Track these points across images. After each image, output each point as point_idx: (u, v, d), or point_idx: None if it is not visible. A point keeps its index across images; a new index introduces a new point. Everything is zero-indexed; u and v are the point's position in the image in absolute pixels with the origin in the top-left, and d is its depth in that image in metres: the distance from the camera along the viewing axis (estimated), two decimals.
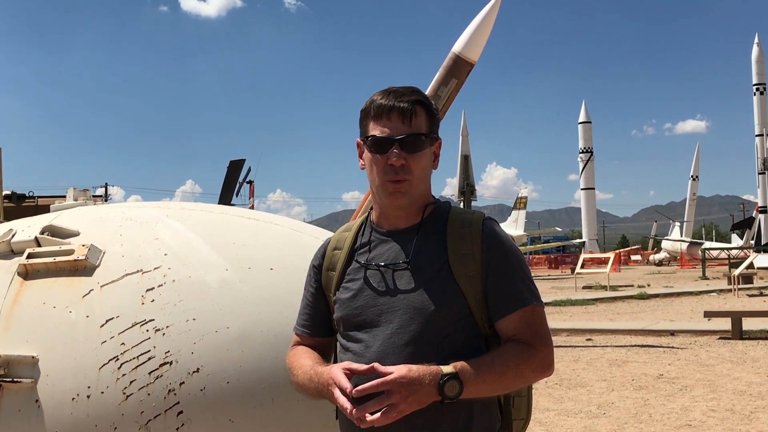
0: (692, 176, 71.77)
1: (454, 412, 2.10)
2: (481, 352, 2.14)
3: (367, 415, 1.96)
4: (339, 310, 2.27)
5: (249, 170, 35.35)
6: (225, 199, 20.89)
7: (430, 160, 2.27)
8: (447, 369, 2.01)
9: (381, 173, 2.20)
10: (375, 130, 2.20)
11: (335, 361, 2.32)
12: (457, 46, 9.18)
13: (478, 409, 2.15)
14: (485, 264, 2.18)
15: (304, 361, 2.27)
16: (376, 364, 2.02)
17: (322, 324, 2.37)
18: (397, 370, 1.98)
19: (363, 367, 2.03)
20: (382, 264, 2.24)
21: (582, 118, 63.49)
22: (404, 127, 2.18)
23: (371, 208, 2.37)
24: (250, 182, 36.10)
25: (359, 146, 2.30)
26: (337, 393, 2.03)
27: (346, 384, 2.01)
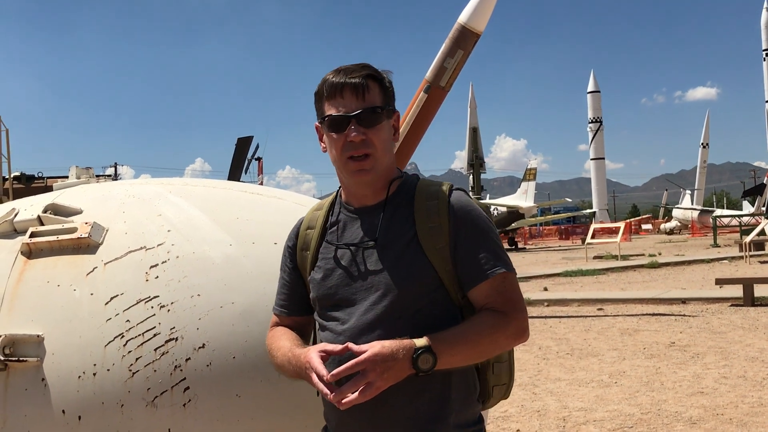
0: (703, 144, 71.25)
1: (430, 384, 2.12)
2: (456, 322, 2.15)
3: (348, 394, 1.98)
4: (314, 290, 2.30)
5: (257, 147, 35.41)
6: (234, 176, 20.90)
7: (390, 134, 2.28)
8: (420, 342, 2.02)
9: (341, 151, 2.20)
10: (330, 110, 2.21)
11: (314, 340, 2.36)
12: (462, 17, 9.09)
13: (455, 379, 2.17)
14: (453, 235, 2.18)
15: (283, 342, 2.28)
16: (349, 344, 2.04)
17: (299, 304, 2.39)
18: (371, 348, 1.99)
19: (337, 347, 2.05)
20: (352, 243, 2.25)
21: (591, 87, 62.97)
22: (358, 102, 2.18)
23: (340, 186, 2.37)
24: (259, 159, 36.12)
25: (318, 130, 2.31)
26: (315, 379, 2.05)
27: (323, 371, 2.02)
